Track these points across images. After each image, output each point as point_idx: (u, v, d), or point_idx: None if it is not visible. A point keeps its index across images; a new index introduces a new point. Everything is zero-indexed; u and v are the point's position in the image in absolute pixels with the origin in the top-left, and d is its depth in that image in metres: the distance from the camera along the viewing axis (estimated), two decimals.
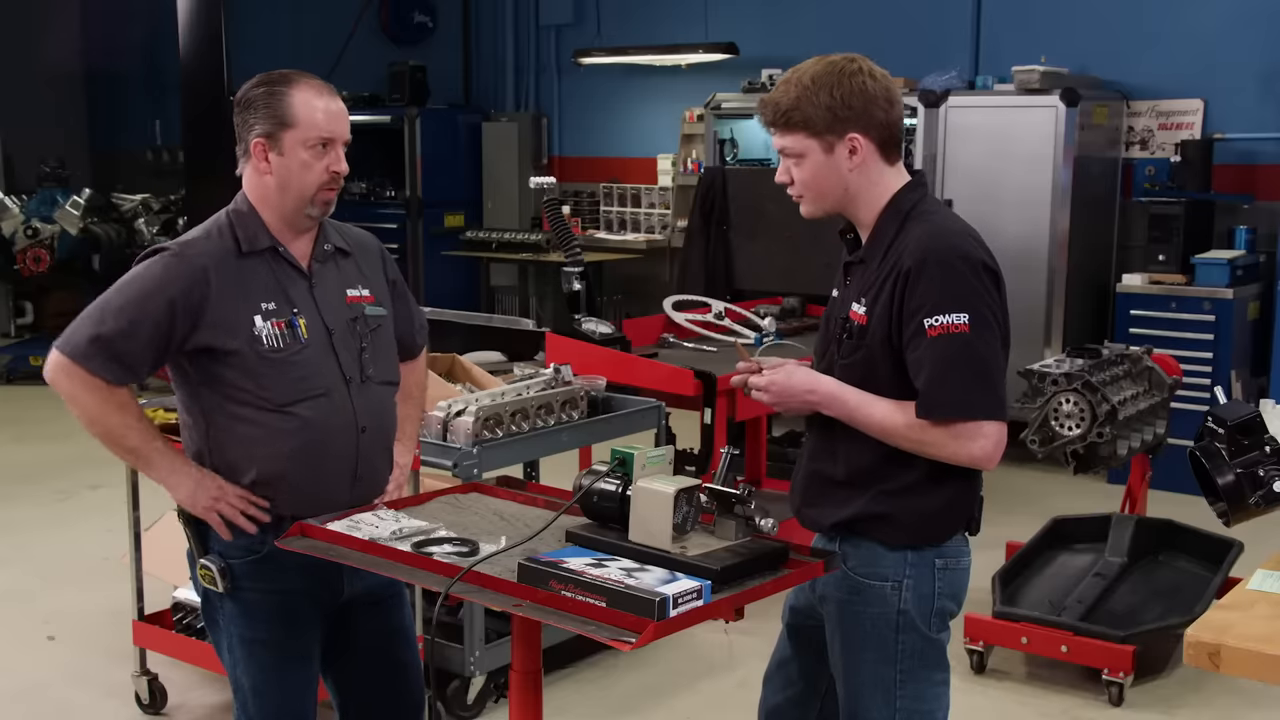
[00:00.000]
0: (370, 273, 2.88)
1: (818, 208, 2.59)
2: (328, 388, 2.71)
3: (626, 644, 2.09)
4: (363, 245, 2.92)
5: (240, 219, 2.74)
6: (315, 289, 2.75)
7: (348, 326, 2.77)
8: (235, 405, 2.67)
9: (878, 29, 8.17)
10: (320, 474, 2.71)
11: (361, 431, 2.76)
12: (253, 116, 2.69)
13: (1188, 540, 4.99)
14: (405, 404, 3.01)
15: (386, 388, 2.86)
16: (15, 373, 9.60)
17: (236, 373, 2.65)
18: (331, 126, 2.69)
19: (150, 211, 9.50)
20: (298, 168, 2.68)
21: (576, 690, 4.42)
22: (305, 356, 2.69)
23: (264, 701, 2.80)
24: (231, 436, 2.69)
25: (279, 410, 2.66)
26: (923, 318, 2.41)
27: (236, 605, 2.75)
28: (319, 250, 2.79)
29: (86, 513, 6.38)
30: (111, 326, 2.61)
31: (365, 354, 2.78)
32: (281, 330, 2.68)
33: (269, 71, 2.75)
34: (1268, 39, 7.16)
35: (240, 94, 2.72)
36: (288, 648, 2.78)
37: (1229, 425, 2.86)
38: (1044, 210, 7.05)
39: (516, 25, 10.54)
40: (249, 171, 2.75)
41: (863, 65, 2.51)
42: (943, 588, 2.56)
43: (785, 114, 2.52)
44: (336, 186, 2.73)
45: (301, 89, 2.68)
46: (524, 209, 10.15)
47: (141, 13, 11.25)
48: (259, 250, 2.72)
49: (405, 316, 3.00)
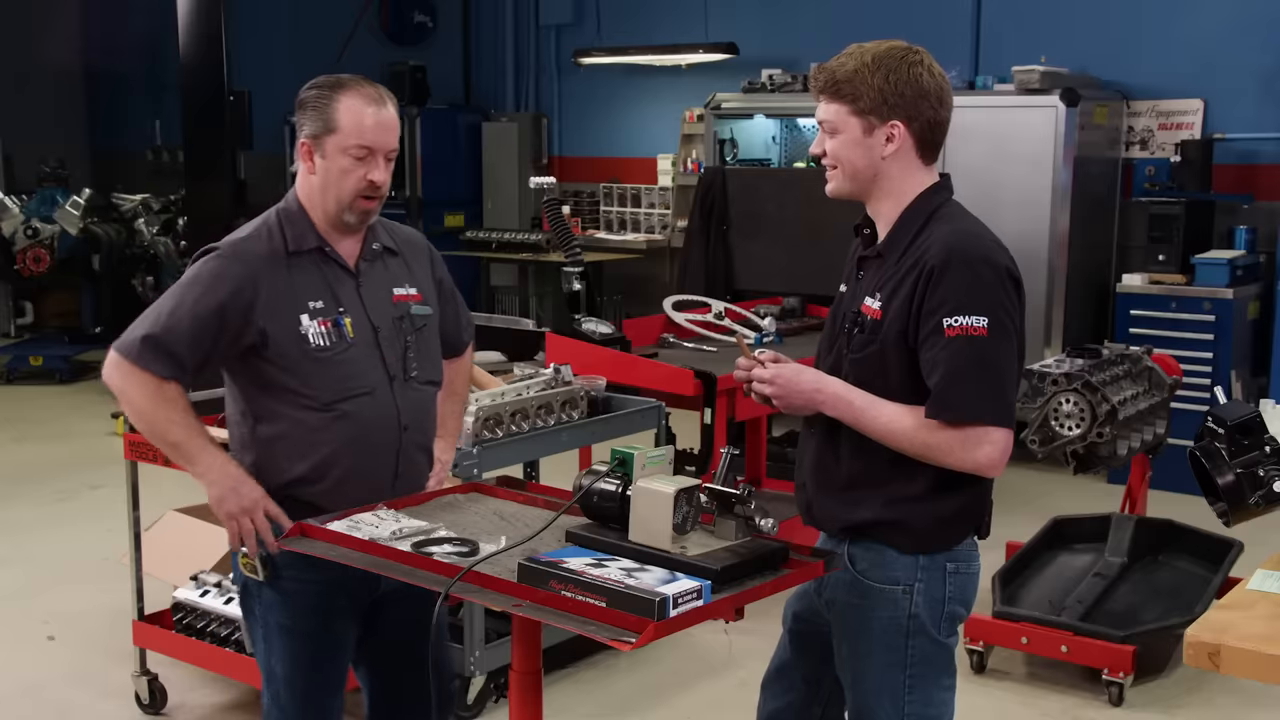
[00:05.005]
0: (418, 271, 2.92)
1: (845, 187, 2.57)
2: (372, 386, 2.75)
3: (626, 644, 2.09)
4: (411, 244, 2.96)
5: (289, 218, 2.79)
6: (362, 288, 2.80)
7: (393, 325, 2.81)
8: (280, 404, 2.71)
9: (878, 29, 8.06)
10: (363, 471, 2.75)
11: (404, 429, 2.80)
12: (304, 117, 2.75)
13: (1188, 540, 4.99)
14: (449, 400, 3.08)
15: (429, 387, 2.90)
16: (15, 373, 9.60)
17: (283, 371, 2.69)
18: (375, 136, 2.71)
19: (150, 211, 9.50)
20: (337, 173, 2.72)
21: (576, 690, 4.42)
22: (351, 355, 2.73)
23: (295, 692, 2.83)
24: (276, 434, 2.73)
25: (324, 408, 2.71)
26: (942, 317, 2.40)
27: (275, 594, 2.78)
28: (367, 249, 2.83)
29: (86, 513, 6.38)
30: (163, 326, 2.67)
31: (410, 352, 2.82)
32: (327, 329, 2.72)
33: (328, 75, 2.80)
34: (1268, 39, 7.17)
35: (299, 95, 2.78)
36: (323, 638, 2.82)
37: (1229, 425, 2.86)
38: (1044, 210, 7.05)
39: (516, 25, 10.55)
40: (300, 173, 2.80)
41: (924, 58, 2.51)
42: (953, 592, 2.55)
43: (837, 84, 2.50)
44: (375, 195, 2.75)
45: (350, 95, 2.71)
46: (524, 209, 10.15)
47: (141, 12, 11.25)
48: (307, 250, 2.76)
49: (452, 315, 3.06)
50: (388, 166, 2.76)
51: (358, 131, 2.69)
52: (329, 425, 2.71)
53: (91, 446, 7.65)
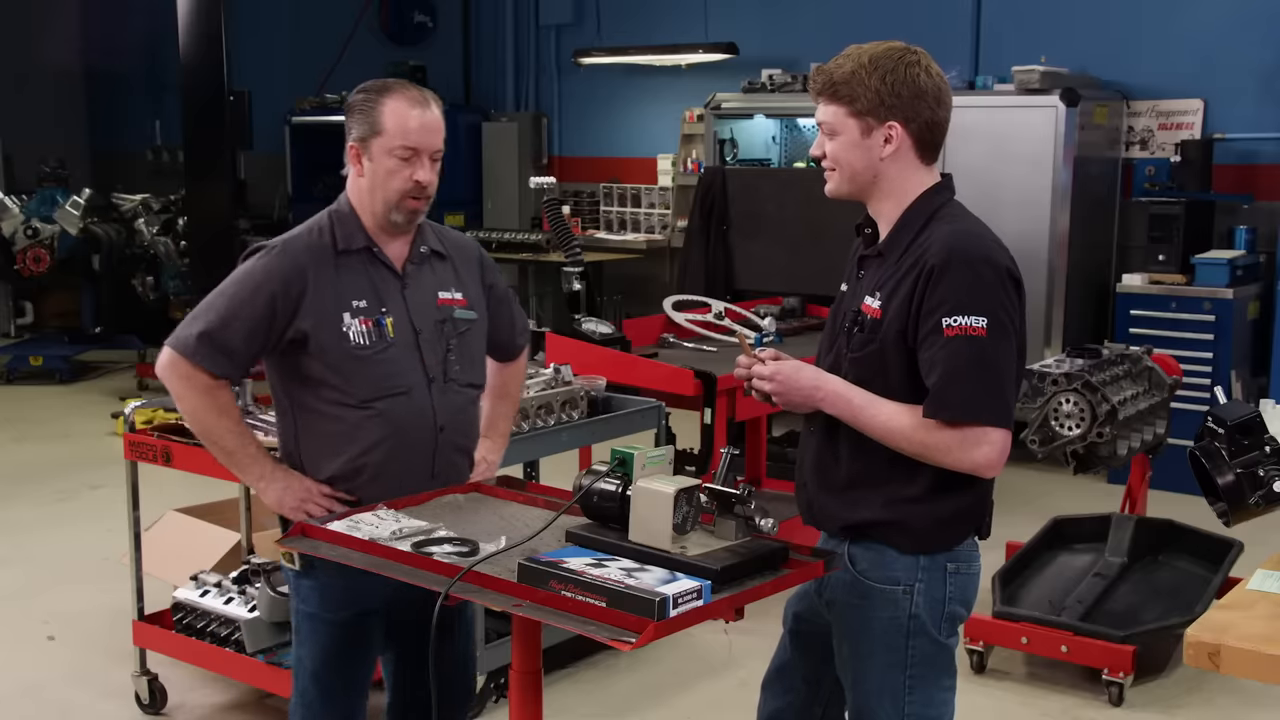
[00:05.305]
0: (466, 276, 2.97)
1: (843, 187, 2.57)
2: (409, 386, 2.80)
3: (626, 644, 2.09)
4: (462, 249, 3.01)
5: (340, 218, 2.85)
6: (407, 290, 2.85)
7: (436, 328, 2.86)
8: (320, 401, 2.78)
9: (878, 29, 8.05)
10: (398, 469, 2.80)
11: (440, 430, 2.84)
12: (352, 121, 2.82)
13: (1188, 540, 4.99)
14: (501, 402, 3.16)
15: (469, 390, 2.94)
16: (15, 373, 9.60)
17: (323, 367, 2.76)
18: (419, 138, 2.78)
19: (150, 211, 9.49)
20: (383, 174, 2.78)
21: (576, 690, 4.42)
22: (390, 355, 2.79)
23: (320, 684, 2.88)
24: (316, 431, 2.80)
25: (360, 406, 2.77)
26: (941, 316, 2.40)
27: (312, 583, 2.83)
28: (414, 252, 2.89)
29: (86, 513, 6.38)
30: (217, 321, 2.74)
31: (450, 355, 2.87)
32: (369, 328, 2.78)
33: (375, 79, 2.88)
34: (1268, 39, 7.17)
35: (348, 100, 2.86)
36: (351, 631, 2.86)
37: (1229, 425, 2.86)
38: (1044, 210, 7.05)
39: (516, 25, 10.55)
40: (351, 175, 2.87)
41: (922, 59, 2.51)
42: (954, 592, 2.55)
43: (834, 85, 2.51)
44: (422, 195, 2.81)
45: (395, 98, 2.78)
46: (524, 209, 10.15)
47: (141, 12, 11.25)
48: (355, 249, 2.83)
49: (506, 321, 3.11)
50: (434, 167, 2.82)
51: (402, 133, 2.76)
52: (364, 423, 2.77)
53: (91, 446, 7.65)
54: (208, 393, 2.76)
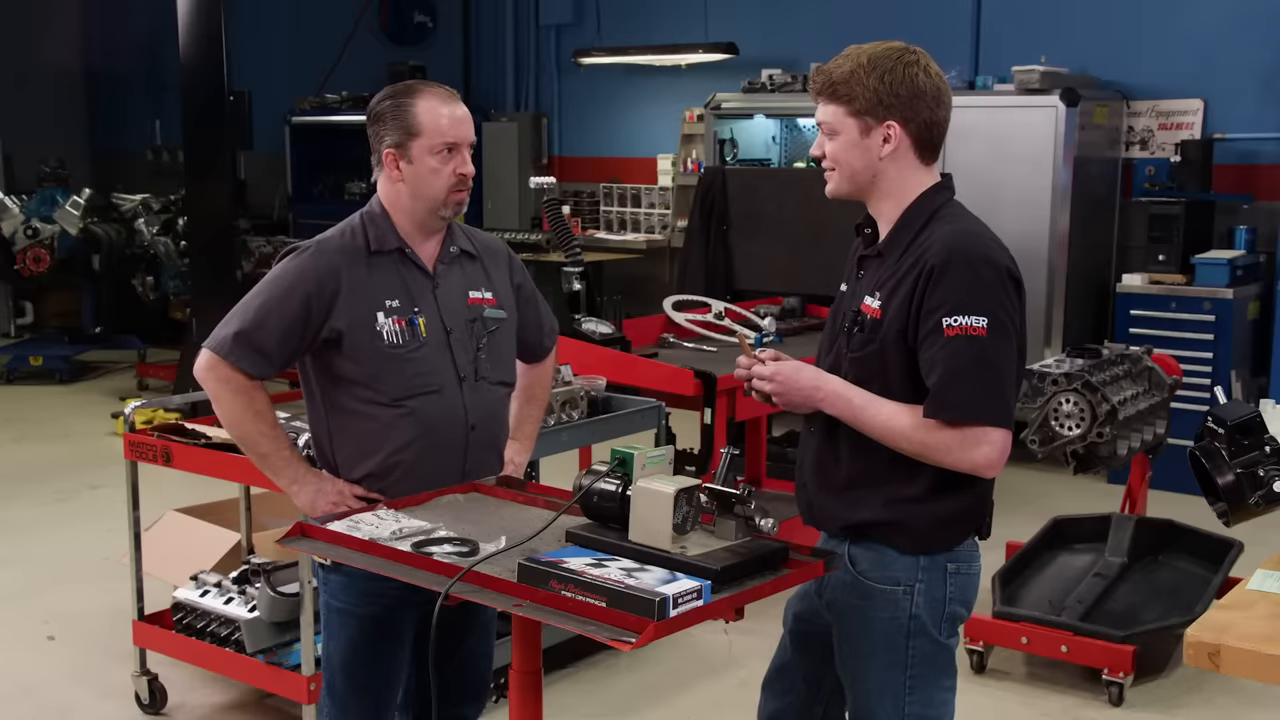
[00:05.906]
0: (496, 276, 3.00)
1: (843, 187, 2.58)
2: (441, 385, 2.83)
3: (626, 644, 2.09)
4: (490, 249, 3.05)
5: (372, 220, 2.88)
6: (438, 289, 2.88)
7: (466, 327, 2.89)
8: (352, 400, 2.81)
9: (878, 29, 8.05)
10: (429, 468, 2.83)
11: (471, 429, 2.87)
12: (383, 129, 2.85)
13: (1188, 540, 4.99)
14: (529, 404, 3.18)
15: (499, 388, 2.97)
16: (15, 373, 9.60)
17: (356, 366, 2.79)
18: (455, 132, 2.83)
19: (150, 211, 9.49)
20: (427, 174, 2.82)
21: (576, 690, 4.42)
22: (422, 354, 2.82)
23: (349, 679, 2.90)
24: (349, 430, 2.83)
25: (392, 404, 2.80)
26: (941, 316, 2.40)
27: (340, 578, 2.85)
28: (445, 252, 2.92)
29: (86, 513, 6.38)
30: (252, 321, 2.77)
31: (481, 354, 2.90)
32: (402, 327, 2.81)
33: (395, 84, 2.92)
34: (1268, 39, 7.17)
35: (370, 108, 2.90)
36: (380, 626, 2.88)
37: (1229, 425, 2.86)
38: (1044, 210, 7.05)
39: (516, 25, 10.55)
40: (383, 179, 2.90)
41: (921, 58, 2.51)
42: (954, 592, 2.55)
43: (833, 85, 2.51)
44: (465, 188, 2.87)
45: (425, 98, 2.84)
46: (524, 209, 10.15)
47: (141, 12, 11.24)
48: (387, 250, 2.86)
49: (534, 321, 3.13)
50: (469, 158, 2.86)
51: (439, 130, 2.81)
52: (396, 421, 2.80)
53: (91, 446, 7.65)
54: (244, 393, 2.78)
